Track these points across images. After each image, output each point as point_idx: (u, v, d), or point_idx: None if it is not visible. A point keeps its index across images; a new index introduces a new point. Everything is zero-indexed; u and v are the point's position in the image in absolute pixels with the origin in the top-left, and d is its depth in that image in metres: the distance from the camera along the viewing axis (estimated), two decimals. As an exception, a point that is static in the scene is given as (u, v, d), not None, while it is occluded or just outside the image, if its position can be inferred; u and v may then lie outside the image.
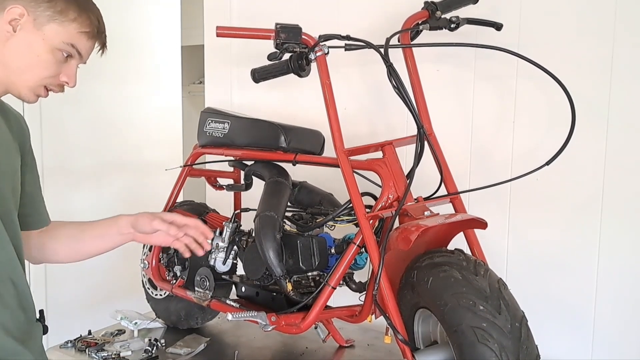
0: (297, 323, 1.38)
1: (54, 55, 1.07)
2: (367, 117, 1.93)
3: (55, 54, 1.07)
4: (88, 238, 1.26)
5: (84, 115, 2.73)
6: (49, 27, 1.06)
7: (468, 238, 1.38)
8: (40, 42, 1.06)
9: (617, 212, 1.54)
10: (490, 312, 1.06)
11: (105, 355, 1.62)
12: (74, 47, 1.09)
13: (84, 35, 1.10)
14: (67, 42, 1.08)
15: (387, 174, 1.34)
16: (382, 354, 1.66)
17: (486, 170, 1.72)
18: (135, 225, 1.22)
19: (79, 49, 1.10)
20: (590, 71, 1.55)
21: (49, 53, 1.07)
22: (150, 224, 1.20)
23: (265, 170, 1.57)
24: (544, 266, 1.65)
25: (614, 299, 1.56)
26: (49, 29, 1.06)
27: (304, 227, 1.46)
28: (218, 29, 1.34)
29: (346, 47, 1.36)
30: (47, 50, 1.07)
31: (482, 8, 1.55)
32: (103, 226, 1.26)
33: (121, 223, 1.24)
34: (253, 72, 1.54)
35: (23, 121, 1.21)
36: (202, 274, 1.66)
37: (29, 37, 1.05)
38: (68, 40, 1.08)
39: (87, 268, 2.70)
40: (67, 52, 1.09)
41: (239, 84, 2.23)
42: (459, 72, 1.74)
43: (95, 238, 1.26)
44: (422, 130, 1.35)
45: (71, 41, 1.08)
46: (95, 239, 1.26)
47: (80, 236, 1.26)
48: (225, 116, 1.64)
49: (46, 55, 1.07)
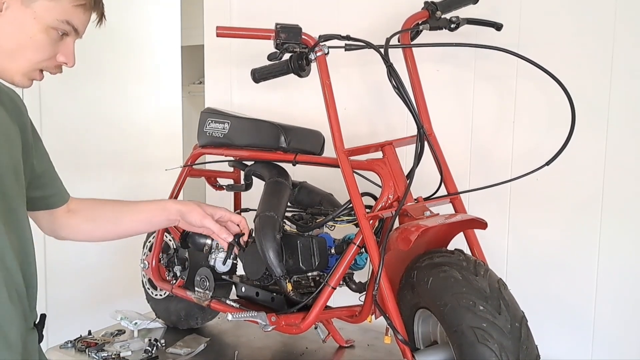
0: (297, 323, 1.38)
1: (49, 35, 0.96)
2: (367, 117, 1.93)
3: (49, 34, 0.96)
4: (130, 221, 1.23)
5: (84, 115, 2.73)
6: (39, 4, 0.94)
7: (468, 238, 1.38)
8: (31, 21, 0.94)
9: (617, 212, 1.54)
10: (490, 312, 1.06)
11: (105, 356, 1.62)
12: (70, 23, 0.97)
13: (79, 9, 0.98)
14: (62, 19, 0.96)
15: (387, 174, 1.34)
16: (382, 354, 1.66)
17: (486, 170, 1.72)
18: (184, 216, 1.21)
19: (74, 25, 0.98)
20: (590, 71, 1.55)
21: (43, 33, 0.95)
22: (202, 221, 1.20)
23: (265, 171, 1.57)
24: (544, 266, 1.65)
25: (614, 299, 1.56)
26: (39, 6, 0.94)
27: (304, 227, 1.46)
28: (218, 29, 1.34)
29: (346, 47, 1.36)
30: (40, 30, 0.95)
31: (482, 8, 1.55)
32: (150, 210, 1.23)
33: (171, 210, 1.22)
34: (253, 72, 1.54)
35: (18, 98, 1.10)
36: (202, 274, 1.66)
37: (19, 17, 0.94)
38: (62, 17, 0.96)
39: (87, 268, 2.72)
40: (62, 31, 0.97)
41: (239, 84, 2.23)
42: (459, 72, 1.74)
43: (139, 222, 1.23)
44: (422, 130, 1.35)
45: (66, 17, 0.96)
46: (139, 222, 1.23)
47: (120, 219, 1.23)
48: (225, 116, 1.64)
49: (40, 35, 0.95)
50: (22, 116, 1.10)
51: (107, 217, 1.23)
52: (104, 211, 1.23)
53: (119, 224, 1.23)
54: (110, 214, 1.23)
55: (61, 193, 1.21)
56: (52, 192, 1.18)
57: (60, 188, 1.21)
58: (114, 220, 1.23)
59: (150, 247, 1.83)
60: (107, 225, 1.23)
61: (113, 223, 1.23)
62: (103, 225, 1.23)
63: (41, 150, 1.17)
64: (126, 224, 1.23)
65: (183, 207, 1.22)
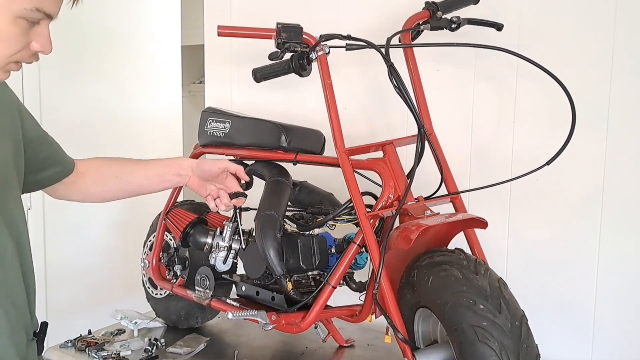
0: (297, 322, 1.38)
1: (18, 26, 0.84)
2: (367, 116, 1.93)
3: (19, 24, 0.84)
4: (140, 177, 1.21)
5: (84, 115, 2.74)
6: None
7: (468, 237, 1.38)
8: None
9: (617, 212, 1.54)
10: (491, 311, 1.06)
11: (105, 355, 1.62)
12: (40, 10, 0.84)
13: None
14: (30, 7, 0.83)
15: (388, 174, 1.34)
16: (382, 353, 1.66)
17: (486, 170, 1.72)
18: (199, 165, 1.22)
19: (45, 11, 0.85)
20: (590, 71, 1.55)
21: (11, 25, 0.83)
22: (216, 164, 1.22)
23: (266, 170, 1.57)
24: (544, 266, 1.65)
25: (614, 299, 1.56)
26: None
27: (304, 227, 1.46)
28: (219, 28, 1.34)
29: (347, 47, 1.36)
30: (8, 23, 0.83)
31: (482, 8, 1.55)
32: (160, 166, 1.22)
33: (182, 165, 1.22)
34: (254, 72, 1.54)
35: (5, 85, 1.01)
36: (202, 273, 1.66)
37: None
38: (31, 5, 0.83)
39: (87, 268, 2.72)
40: (33, 19, 0.85)
41: (239, 84, 2.23)
42: (459, 72, 1.75)
43: (148, 178, 1.21)
44: (422, 130, 1.35)
45: (34, 4, 0.83)
46: (149, 178, 1.21)
47: (129, 176, 1.21)
48: (226, 116, 1.64)
49: (8, 28, 0.83)
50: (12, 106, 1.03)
51: (116, 175, 1.21)
52: (112, 169, 1.21)
53: (129, 182, 1.21)
54: (118, 172, 1.21)
55: (66, 162, 1.18)
56: (60, 169, 1.15)
57: (63, 157, 1.18)
58: (123, 178, 1.21)
59: (151, 246, 1.83)
60: (117, 183, 1.21)
61: (123, 181, 1.21)
62: (113, 184, 1.21)
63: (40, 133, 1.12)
64: (136, 180, 1.21)
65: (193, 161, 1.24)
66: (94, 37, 2.71)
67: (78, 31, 2.47)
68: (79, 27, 2.46)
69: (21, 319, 1.01)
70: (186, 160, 1.24)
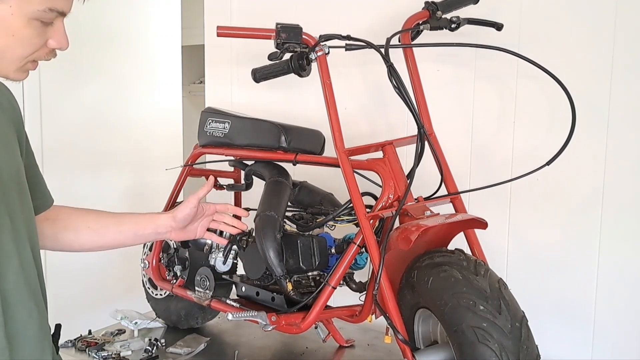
0: (297, 323, 1.38)
1: (32, 27, 0.85)
2: (367, 117, 1.93)
3: (33, 26, 0.85)
4: (114, 233, 1.16)
5: (84, 115, 2.73)
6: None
7: (468, 238, 1.38)
8: (9, 17, 0.83)
9: (617, 212, 1.54)
10: (491, 312, 1.06)
11: (106, 355, 1.62)
12: (53, 10, 0.86)
13: None
14: (43, 8, 0.84)
15: (388, 174, 1.34)
16: (382, 354, 1.66)
17: (486, 170, 1.72)
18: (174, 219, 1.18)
19: (58, 9, 0.87)
20: (590, 71, 1.55)
21: (25, 27, 0.85)
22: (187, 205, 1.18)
23: (266, 170, 1.57)
24: (544, 266, 1.65)
25: (614, 299, 1.56)
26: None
27: (304, 227, 1.46)
28: (219, 28, 1.34)
29: (347, 47, 1.36)
30: (22, 25, 0.84)
31: (482, 8, 1.55)
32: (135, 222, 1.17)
33: (159, 222, 1.18)
34: (254, 72, 1.54)
35: (10, 95, 1.03)
36: (203, 273, 1.66)
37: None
38: (43, 6, 0.84)
39: (87, 268, 2.71)
40: (47, 19, 0.86)
41: (239, 84, 2.23)
42: (459, 72, 1.75)
43: (122, 233, 1.16)
44: (422, 130, 1.35)
45: (47, 4, 0.85)
46: (123, 234, 1.17)
47: (104, 230, 1.16)
48: (225, 116, 1.64)
49: (23, 31, 0.85)
50: (16, 113, 1.04)
51: (88, 226, 1.15)
52: (86, 221, 1.16)
53: (102, 235, 1.16)
54: (93, 224, 1.16)
55: (46, 196, 1.13)
56: (38, 195, 1.09)
57: (45, 191, 1.13)
58: (96, 230, 1.16)
59: (151, 247, 1.83)
60: (89, 234, 1.15)
61: (95, 232, 1.16)
62: (85, 234, 1.15)
63: (30, 151, 1.11)
64: (110, 234, 1.16)
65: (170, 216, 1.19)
66: (94, 37, 2.71)
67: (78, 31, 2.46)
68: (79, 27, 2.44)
69: (44, 320, 1.02)
70: (162, 217, 1.18)
